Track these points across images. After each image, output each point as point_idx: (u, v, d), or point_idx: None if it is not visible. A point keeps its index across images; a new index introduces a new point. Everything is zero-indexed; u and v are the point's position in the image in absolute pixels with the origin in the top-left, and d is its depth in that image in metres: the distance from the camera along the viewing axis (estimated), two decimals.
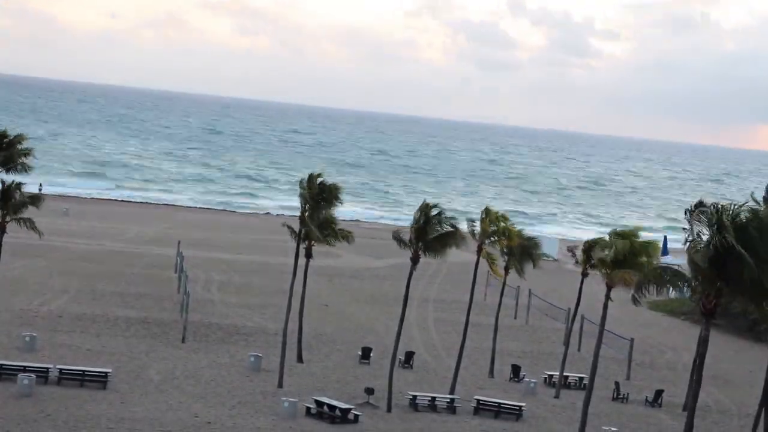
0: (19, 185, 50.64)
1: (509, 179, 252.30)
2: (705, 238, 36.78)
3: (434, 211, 49.35)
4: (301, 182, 53.91)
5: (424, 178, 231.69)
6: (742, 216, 36.73)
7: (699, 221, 37.03)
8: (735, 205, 36.97)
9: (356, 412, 47.21)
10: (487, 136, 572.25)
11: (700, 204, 37.49)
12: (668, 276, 39.39)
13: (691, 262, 37.35)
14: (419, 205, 50.56)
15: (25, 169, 51.45)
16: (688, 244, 37.45)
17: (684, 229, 38.49)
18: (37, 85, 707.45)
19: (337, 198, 53.62)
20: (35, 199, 51.90)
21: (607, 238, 49.65)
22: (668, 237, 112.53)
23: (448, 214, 50.73)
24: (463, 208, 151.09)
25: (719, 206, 36.55)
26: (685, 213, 37.98)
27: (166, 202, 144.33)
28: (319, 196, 53.10)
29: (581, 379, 58.53)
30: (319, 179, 53.31)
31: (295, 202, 64.60)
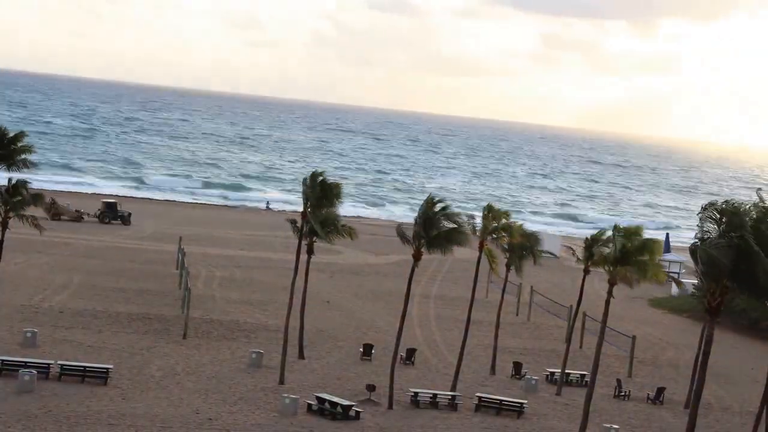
0: (24, 183, 50.67)
1: None
2: (714, 236, 36.74)
3: (438, 207, 49.03)
4: (303, 181, 53.86)
5: None
6: (753, 215, 36.82)
7: (710, 220, 36.99)
8: (745, 204, 37.08)
9: (357, 409, 47.18)
10: None
11: (711, 204, 37.52)
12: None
13: (705, 259, 37.13)
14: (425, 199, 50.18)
15: (26, 165, 51.47)
16: (697, 241, 37.37)
17: (698, 226, 38.44)
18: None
19: (338, 196, 53.50)
20: (38, 198, 51.97)
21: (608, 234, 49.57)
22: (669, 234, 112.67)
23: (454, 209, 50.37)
24: None
25: (734, 205, 36.53)
26: (700, 212, 37.96)
27: (166, 198, 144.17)
28: (321, 194, 52.91)
29: (583, 376, 58.44)
30: (320, 178, 53.19)
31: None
